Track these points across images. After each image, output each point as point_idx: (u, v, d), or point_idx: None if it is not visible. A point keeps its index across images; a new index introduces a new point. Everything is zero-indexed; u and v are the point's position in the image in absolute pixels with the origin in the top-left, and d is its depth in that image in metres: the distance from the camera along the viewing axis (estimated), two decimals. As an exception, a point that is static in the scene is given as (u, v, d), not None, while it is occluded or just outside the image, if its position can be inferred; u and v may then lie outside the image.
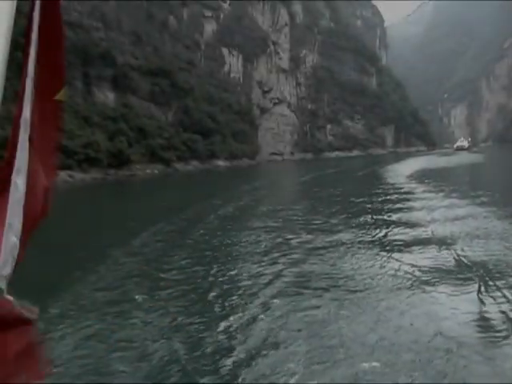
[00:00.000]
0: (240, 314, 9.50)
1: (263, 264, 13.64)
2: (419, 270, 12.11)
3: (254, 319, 9.12)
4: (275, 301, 10.08)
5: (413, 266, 12.58)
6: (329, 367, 7.12)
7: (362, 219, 21.37)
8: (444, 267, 12.38)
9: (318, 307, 9.65)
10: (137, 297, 10.75)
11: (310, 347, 7.76)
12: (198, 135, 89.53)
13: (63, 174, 51.80)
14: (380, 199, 29.30)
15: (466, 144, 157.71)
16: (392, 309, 9.41)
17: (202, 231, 19.63)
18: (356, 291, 10.63)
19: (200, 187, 50.63)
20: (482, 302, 9.56)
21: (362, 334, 8.28)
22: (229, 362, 7.38)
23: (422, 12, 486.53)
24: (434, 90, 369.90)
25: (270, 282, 11.58)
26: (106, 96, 78.37)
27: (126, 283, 12.06)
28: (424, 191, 32.52)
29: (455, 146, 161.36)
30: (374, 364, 7.13)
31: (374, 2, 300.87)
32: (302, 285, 11.40)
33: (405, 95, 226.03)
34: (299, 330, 8.52)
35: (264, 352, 7.63)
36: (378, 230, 18.30)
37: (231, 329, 8.71)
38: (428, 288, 10.63)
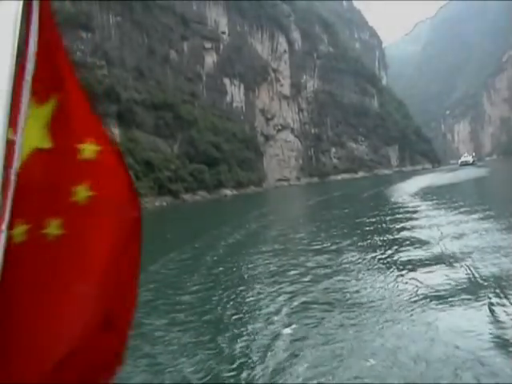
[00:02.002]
0: (252, 328, 10.27)
1: (272, 286, 14.22)
2: (431, 287, 12.22)
3: (266, 336, 9.78)
4: (287, 321, 10.59)
5: (424, 283, 12.71)
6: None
7: (370, 239, 21.66)
8: (456, 283, 12.48)
9: (330, 327, 10.01)
10: (155, 319, 11.53)
11: (322, 362, 8.19)
12: (205, 165, 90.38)
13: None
14: (387, 218, 29.42)
15: (470, 159, 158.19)
16: (404, 325, 9.62)
17: (213, 258, 20.29)
18: (368, 309, 10.83)
19: (209, 217, 51.13)
20: (495, 317, 9.61)
21: (374, 348, 8.54)
22: (242, 371, 8.04)
23: (419, 30, 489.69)
24: (436, 107, 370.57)
25: (280, 302, 12.12)
26: (112, 132, 79.39)
27: (142, 308, 12.73)
28: (431, 208, 32.64)
29: (459, 161, 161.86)
30: (383, 373, 7.50)
31: (371, 24, 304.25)
32: (314, 305, 11.77)
33: (407, 114, 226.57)
34: (312, 343, 9.07)
35: (277, 368, 8.15)
36: (387, 249, 18.48)
37: (245, 343, 9.41)
38: (440, 304, 10.75)
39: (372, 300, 11.50)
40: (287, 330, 9.89)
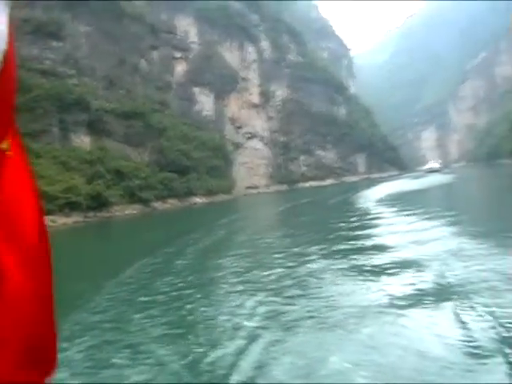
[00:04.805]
0: (217, 322, 11.54)
1: (239, 286, 15.38)
2: (397, 294, 12.47)
3: (230, 328, 10.99)
4: (249, 317, 11.71)
5: (390, 290, 13.01)
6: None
7: (335, 245, 22.11)
8: (421, 289, 12.77)
9: (297, 331, 10.42)
10: (129, 316, 12.77)
11: (293, 368, 8.57)
12: (174, 174, 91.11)
13: (45, 219, 53.10)
14: (353, 225, 29.83)
15: (436, 166, 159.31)
16: (371, 332, 9.81)
17: (183, 262, 21.42)
18: (334, 316, 11.08)
19: (179, 224, 51.72)
20: (459, 320, 9.92)
21: (342, 356, 8.68)
22: (214, 367, 9.01)
23: (387, 40, 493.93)
24: (404, 115, 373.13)
25: (244, 300, 13.29)
26: (82, 140, 79.86)
27: (119, 307, 14.03)
28: (395, 215, 33.04)
29: (426, 168, 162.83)
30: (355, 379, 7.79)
31: (339, 33, 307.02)
32: (280, 306, 12.48)
33: (374, 122, 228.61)
34: (277, 345, 9.76)
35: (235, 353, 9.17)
36: (352, 255, 18.85)
37: (211, 334, 10.65)
38: (406, 310, 10.99)
39: (339, 310, 11.76)
40: (250, 324, 11.03)
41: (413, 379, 7.57)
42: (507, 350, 8.18)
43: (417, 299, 11.74)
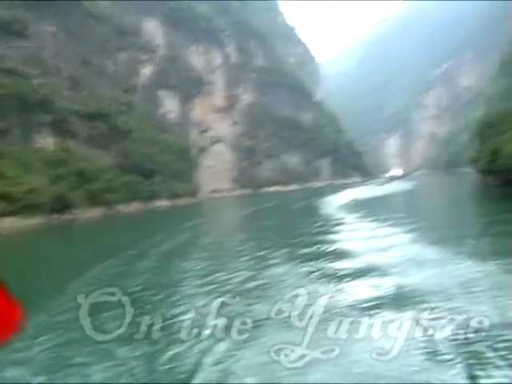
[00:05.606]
0: (178, 324, 11.70)
1: (203, 288, 15.59)
2: (358, 297, 12.73)
3: (192, 328, 11.16)
4: (212, 316, 11.65)
5: (351, 293, 13.33)
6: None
7: (298, 250, 22.23)
8: (381, 293, 13.05)
9: (260, 331, 10.70)
10: (92, 316, 12.83)
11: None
12: (139, 176, 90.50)
13: (7, 221, 52.58)
14: (315, 231, 29.92)
15: (399, 173, 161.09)
16: (332, 332, 9.57)
17: (146, 264, 21.55)
18: (296, 318, 10.46)
19: (143, 227, 51.55)
20: (417, 322, 10.16)
21: (303, 354, 8.57)
22: (176, 365, 9.36)
23: (355, 47, 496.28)
24: (370, 122, 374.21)
25: (208, 303, 13.35)
26: (46, 141, 78.95)
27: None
28: (357, 221, 33.36)
29: (388, 175, 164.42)
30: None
31: (304, 40, 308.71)
32: (244, 307, 12.76)
33: (340, 128, 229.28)
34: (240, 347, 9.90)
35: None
36: (315, 261, 18.87)
37: (173, 336, 10.79)
38: (367, 312, 11.15)
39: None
40: (213, 324, 11.17)
41: (371, 376, 7.99)
42: (461, 350, 8.61)
43: (377, 302, 12.09)
